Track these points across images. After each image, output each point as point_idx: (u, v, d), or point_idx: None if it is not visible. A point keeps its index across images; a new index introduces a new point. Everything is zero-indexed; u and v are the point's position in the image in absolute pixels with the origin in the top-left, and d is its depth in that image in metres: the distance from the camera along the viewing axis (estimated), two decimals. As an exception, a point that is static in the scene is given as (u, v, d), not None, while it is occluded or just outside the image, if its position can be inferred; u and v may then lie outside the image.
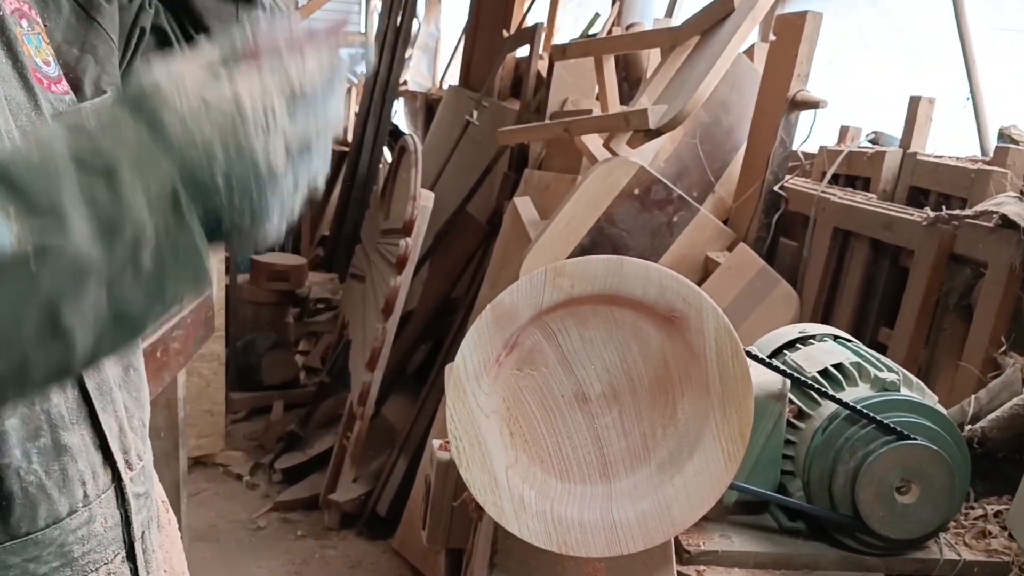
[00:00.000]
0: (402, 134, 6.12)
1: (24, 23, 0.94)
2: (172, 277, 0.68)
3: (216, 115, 0.68)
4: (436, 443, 1.64)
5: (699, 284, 3.07)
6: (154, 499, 1.13)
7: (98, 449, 0.96)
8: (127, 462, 1.02)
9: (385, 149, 6.79)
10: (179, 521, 3.20)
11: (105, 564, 0.98)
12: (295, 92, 0.71)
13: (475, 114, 5.10)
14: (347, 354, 4.88)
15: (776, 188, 3.12)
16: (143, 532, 1.06)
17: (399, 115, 8.00)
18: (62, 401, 0.91)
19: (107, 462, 0.98)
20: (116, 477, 1.00)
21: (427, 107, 7.20)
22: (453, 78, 6.75)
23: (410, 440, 4.23)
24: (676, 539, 1.61)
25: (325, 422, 5.06)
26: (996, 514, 1.80)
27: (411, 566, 3.80)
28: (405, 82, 7.62)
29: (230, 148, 0.68)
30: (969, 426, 1.89)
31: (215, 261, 0.85)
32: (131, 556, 1.03)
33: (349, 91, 9.37)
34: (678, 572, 1.52)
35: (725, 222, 3.29)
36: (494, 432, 1.25)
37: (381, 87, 6.49)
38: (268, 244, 0.74)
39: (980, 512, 1.80)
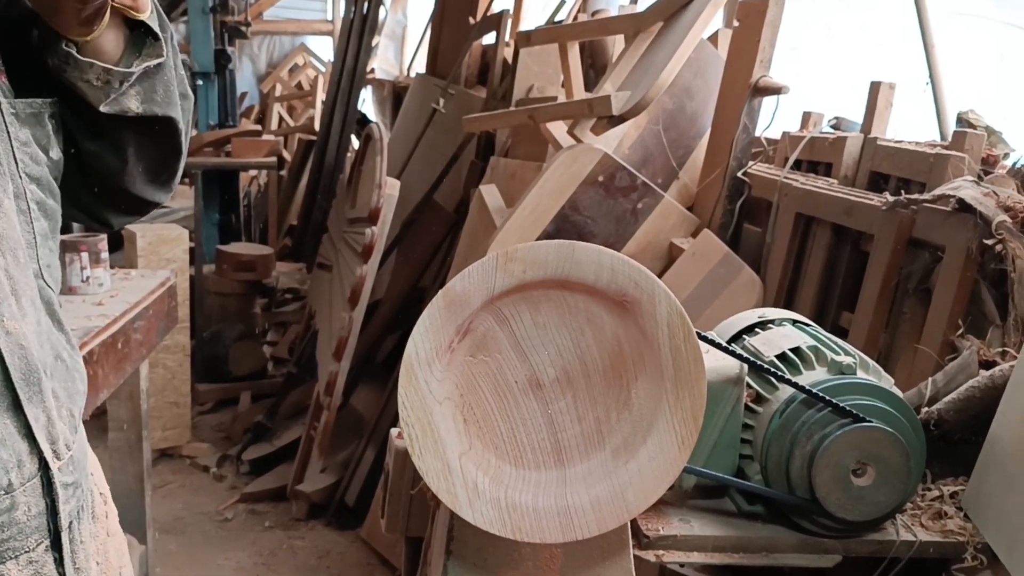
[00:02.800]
0: (369, 122, 6.09)
1: None
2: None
3: None
4: (394, 431, 1.64)
5: (664, 270, 3.09)
6: (87, 490, 1.12)
7: (24, 438, 0.97)
8: (55, 452, 1.02)
9: (353, 138, 6.75)
10: (144, 514, 3.17)
11: (26, 552, 0.97)
12: None
13: (442, 102, 5.07)
14: (314, 344, 4.86)
15: (739, 174, 3.13)
16: (71, 522, 1.06)
17: (367, 103, 7.95)
18: None
19: (33, 451, 0.97)
20: (43, 466, 0.99)
21: (395, 95, 7.16)
22: (420, 66, 6.71)
23: (378, 430, 4.22)
24: (635, 524, 1.61)
25: (293, 413, 5.04)
26: (952, 495, 1.81)
27: (379, 555, 3.79)
28: (372, 70, 7.57)
29: None
30: (926, 408, 1.90)
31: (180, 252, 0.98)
32: (56, 545, 1.02)
33: (316, 78, 9.33)
34: (637, 557, 1.53)
35: (689, 208, 3.30)
36: (447, 419, 1.24)
37: (348, 75, 6.44)
38: None
39: (936, 493, 1.82)
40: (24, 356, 0.98)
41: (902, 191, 2.43)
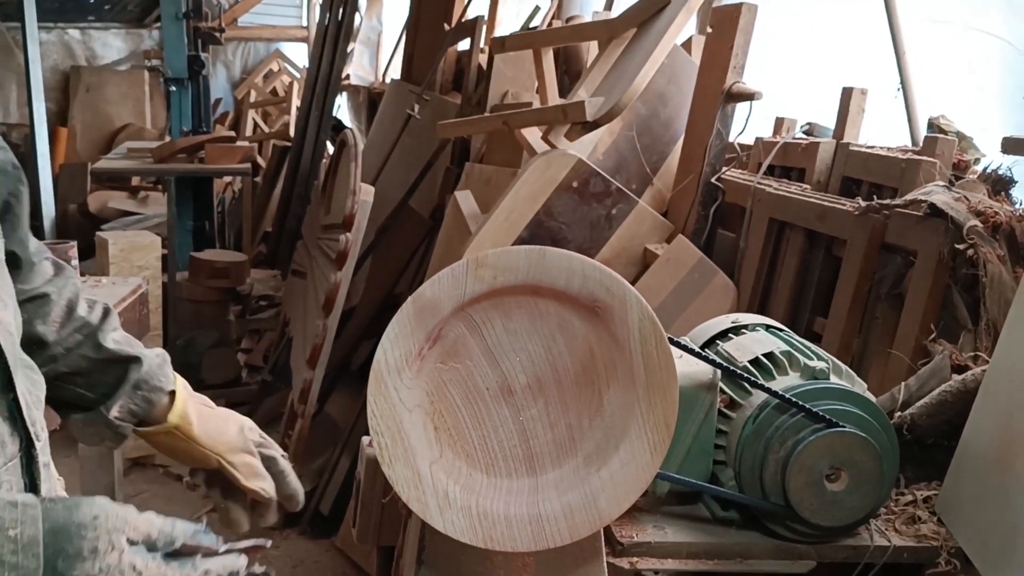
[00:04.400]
0: (344, 128, 6.06)
1: None
2: None
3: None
4: (366, 440, 1.62)
5: (638, 276, 3.09)
6: (53, 473, 1.17)
7: (5, 420, 1.00)
8: (35, 433, 1.05)
9: (328, 144, 6.72)
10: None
11: None
12: None
13: (417, 108, 5.06)
14: (289, 351, 4.82)
15: (713, 180, 3.13)
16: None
17: (342, 110, 7.93)
18: None
19: (15, 432, 1.02)
20: (24, 446, 1.03)
21: (370, 101, 7.15)
22: (395, 72, 6.70)
23: (353, 438, 4.18)
24: (609, 531, 1.60)
25: (267, 421, 4.99)
26: (926, 499, 1.82)
27: (354, 564, 3.76)
28: (347, 76, 7.54)
29: None
30: (899, 413, 1.90)
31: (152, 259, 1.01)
32: None
33: (291, 85, 9.30)
34: (611, 564, 1.52)
35: (663, 214, 3.30)
36: (417, 427, 1.23)
37: (323, 81, 6.42)
38: None
39: (910, 498, 1.82)
40: (11, 343, 1.03)
41: (874, 196, 2.44)
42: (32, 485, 1.05)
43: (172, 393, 1.38)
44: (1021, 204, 2.20)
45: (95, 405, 1.33)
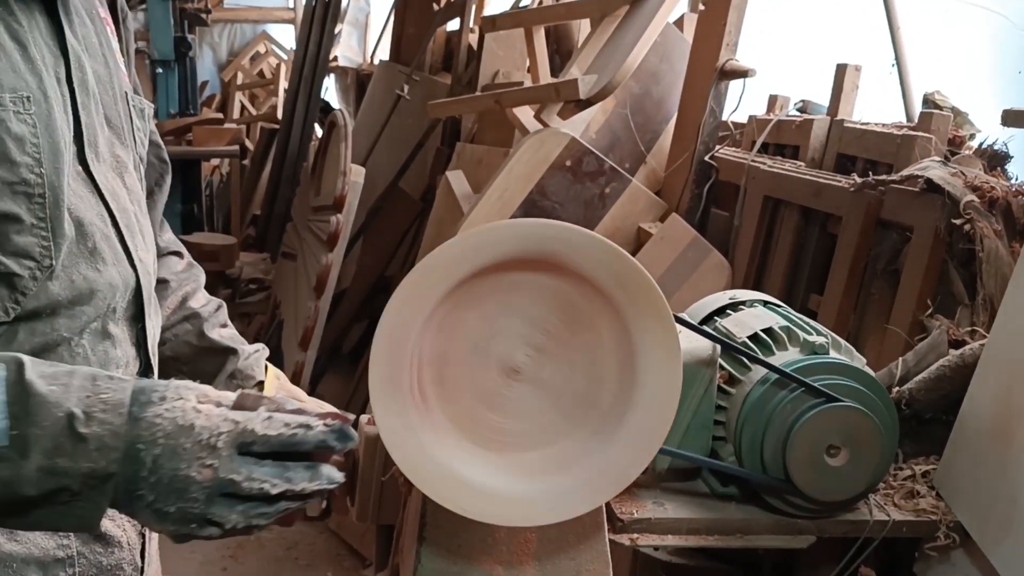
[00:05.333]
0: (333, 110, 6.02)
1: (109, 29, 1.25)
2: (62, 515, 0.92)
3: (179, 421, 0.91)
4: (364, 418, 1.61)
5: (632, 255, 3.07)
6: None
7: (133, 345, 1.19)
8: (154, 362, 1.25)
9: (316, 126, 6.67)
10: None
11: None
12: (246, 438, 0.93)
13: (406, 88, 5.03)
14: (280, 334, 4.80)
15: (707, 158, 3.13)
16: None
17: (330, 92, 7.87)
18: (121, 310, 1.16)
19: (139, 356, 1.21)
20: (145, 369, 1.22)
21: (358, 83, 7.10)
22: (384, 53, 6.65)
23: (345, 419, 4.17)
24: (609, 507, 1.60)
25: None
26: (924, 474, 1.82)
27: (348, 545, 3.76)
28: (335, 58, 7.49)
29: (170, 445, 0.90)
30: (897, 388, 1.90)
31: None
32: None
33: (279, 67, 9.23)
34: (611, 541, 1.51)
35: (657, 193, 3.29)
36: (419, 407, 1.21)
37: (311, 63, 6.37)
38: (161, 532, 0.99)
39: (908, 473, 1.82)
40: (149, 282, 1.21)
41: (869, 173, 2.44)
42: None
43: (261, 384, 1.47)
44: (1017, 179, 2.20)
45: None
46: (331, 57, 6.95)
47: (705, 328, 1.69)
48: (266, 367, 1.57)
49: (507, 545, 1.34)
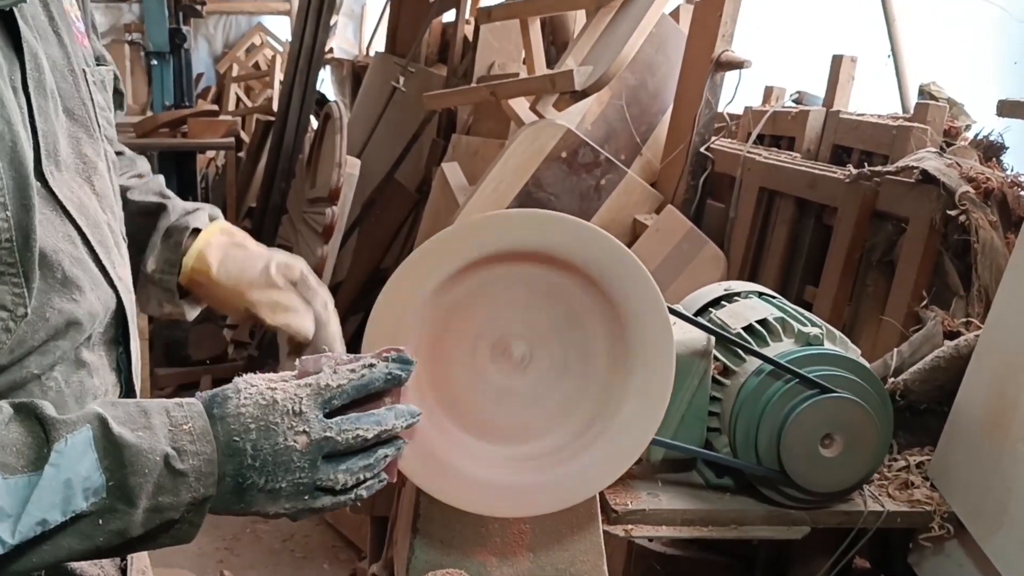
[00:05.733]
0: (328, 102, 6.00)
1: None
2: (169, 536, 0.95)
3: (260, 401, 0.95)
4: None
5: (628, 247, 3.07)
6: None
7: (112, 371, 1.08)
8: (138, 389, 1.15)
9: (312, 119, 6.65)
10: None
11: None
12: (325, 394, 0.96)
13: (402, 80, 5.02)
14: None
15: (702, 149, 3.12)
16: None
17: (326, 83, 7.85)
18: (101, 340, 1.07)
19: (119, 382, 1.10)
20: (124, 394, 1.11)
21: (354, 75, 7.09)
22: (379, 45, 6.63)
23: (341, 412, 4.17)
24: (603, 498, 1.60)
25: (256, 396, 4.97)
26: (919, 465, 1.82)
27: (343, 537, 3.76)
28: (331, 50, 7.47)
29: (261, 425, 0.94)
30: (892, 379, 1.90)
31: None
32: None
33: (274, 58, 9.20)
34: (606, 532, 1.51)
35: (653, 184, 3.28)
36: (414, 393, 1.21)
37: (307, 55, 6.33)
38: (277, 511, 0.97)
39: (903, 463, 1.82)
40: (130, 300, 1.10)
41: (865, 164, 2.43)
42: None
43: (197, 232, 1.33)
44: (1012, 170, 2.20)
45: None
46: (327, 49, 6.92)
47: (699, 319, 1.69)
48: (210, 218, 1.40)
49: (501, 536, 1.34)
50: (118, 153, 1.39)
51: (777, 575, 1.88)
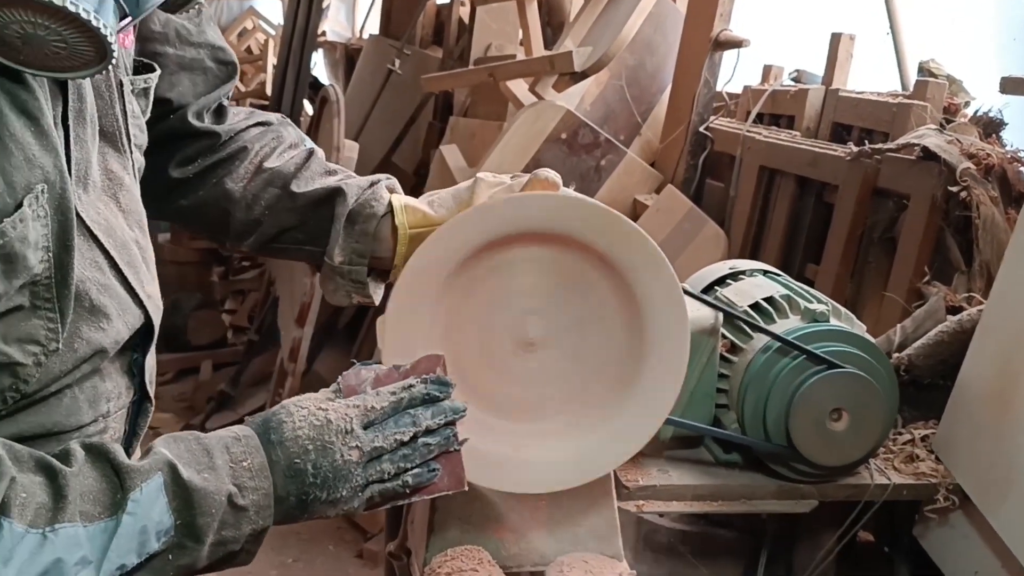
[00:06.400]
0: (322, 86, 5.98)
1: None
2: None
3: (314, 422, 1.03)
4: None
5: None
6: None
7: (124, 375, 1.09)
8: (152, 394, 1.17)
9: (306, 103, 6.64)
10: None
11: None
12: (369, 416, 1.05)
13: (397, 63, 5.01)
14: (275, 311, 4.81)
15: (702, 129, 3.13)
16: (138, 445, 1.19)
17: (319, 67, 7.82)
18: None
19: (131, 386, 1.11)
20: (136, 398, 1.13)
21: (347, 58, 7.05)
22: (373, 27, 6.62)
23: (343, 394, 4.18)
24: (615, 475, 1.62)
25: (256, 380, 4.99)
26: (923, 438, 1.84)
27: (349, 519, 3.79)
28: (323, 33, 7.44)
29: (318, 445, 1.01)
30: (896, 354, 1.93)
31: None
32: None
33: (267, 42, 9.16)
34: (618, 508, 1.53)
35: (652, 164, 3.30)
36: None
37: (299, 38, 6.32)
38: (337, 512, 1.06)
39: (908, 437, 1.85)
40: (157, 314, 1.11)
41: (865, 141, 2.45)
42: (133, 432, 1.15)
43: (390, 207, 1.28)
44: (1012, 146, 2.21)
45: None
46: (319, 32, 6.90)
47: (707, 297, 1.71)
48: (387, 190, 1.33)
49: (518, 513, 1.36)
50: (262, 124, 1.38)
51: (785, 550, 1.90)
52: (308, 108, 6.55)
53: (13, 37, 0.83)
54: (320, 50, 7.53)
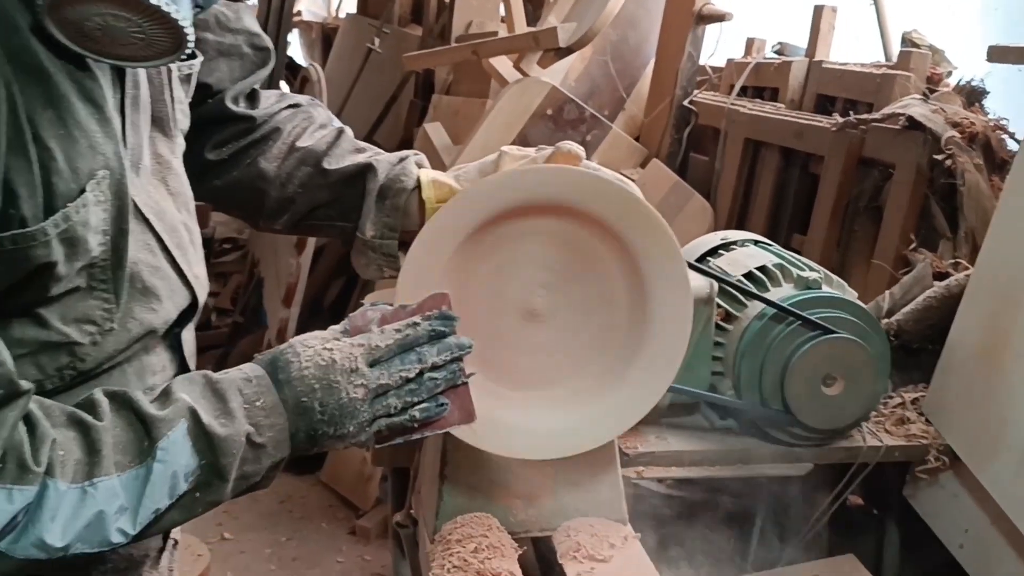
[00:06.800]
0: (298, 67, 5.96)
1: None
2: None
3: (319, 362, 1.03)
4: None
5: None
6: None
7: (168, 349, 1.13)
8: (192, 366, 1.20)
9: (283, 84, 6.60)
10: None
11: None
12: (375, 354, 1.05)
13: (377, 42, 4.99)
14: (260, 293, 4.80)
15: (686, 103, 3.15)
16: None
17: (294, 47, 7.77)
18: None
19: (173, 360, 1.14)
20: (183, 371, 1.16)
21: (324, 37, 7.01)
22: (349, 6, 6.58)
23: (331, 374, 4.20)
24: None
25: (242, 361, 4.97)
26: (913, 401, 1.89)
27: (340, 496, 3.80)
28: (299, 12, 7.39)
29: (324, 384, 1.02)
30: (885, 320, 1.96)
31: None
32: None
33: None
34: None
35: (637, 139, 3.32)
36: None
37: (275, 18, 6.27)
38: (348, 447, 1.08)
39: (899, 400, 1.89)
40: (203, 294, 1.15)
41: (850, 112, 2.48)
42: None
43: (419, 182, 1.31)
44: (995, 114, 2.25)
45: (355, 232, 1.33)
46: (295, 11, 6.85)
47: (702, 267, 1.74)
48: (416, 165, 1.36)
49: (525, 480, 1.38)
50: (292, 106, 1.41)
51: (779, 513, 1.94)
52: (286, 89, 6.51)
53: (93, 29, 0.86)
54: (295, 30, 7.48)
